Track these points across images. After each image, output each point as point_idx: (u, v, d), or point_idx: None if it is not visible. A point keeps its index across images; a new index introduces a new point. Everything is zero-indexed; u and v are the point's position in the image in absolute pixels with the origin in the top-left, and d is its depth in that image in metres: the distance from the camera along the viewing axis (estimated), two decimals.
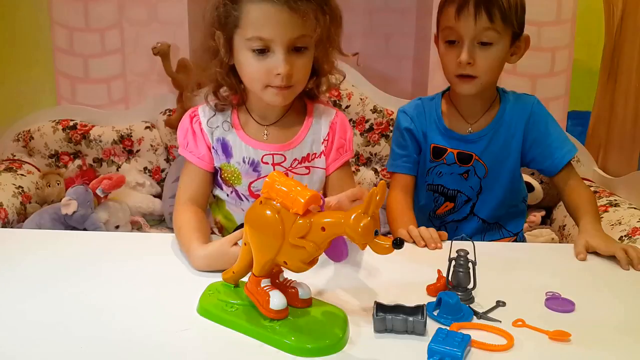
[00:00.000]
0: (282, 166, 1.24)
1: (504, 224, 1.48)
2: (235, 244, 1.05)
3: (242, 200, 1.27)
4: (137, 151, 2.02)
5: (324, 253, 0.85)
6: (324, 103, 1.31)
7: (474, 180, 1.42)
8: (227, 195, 1.28)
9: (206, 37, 1.20)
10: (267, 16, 1.11)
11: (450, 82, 1.37)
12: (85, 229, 1.71)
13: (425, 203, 1.47)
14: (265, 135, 1.24)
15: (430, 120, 1.43)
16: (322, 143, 1.27)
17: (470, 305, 0.96)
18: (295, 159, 1.25)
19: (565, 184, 1.38)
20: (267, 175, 1.23)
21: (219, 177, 1.27)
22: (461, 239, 1.03)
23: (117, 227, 1.81)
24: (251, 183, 1.25)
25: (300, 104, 1.28)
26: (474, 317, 0.93)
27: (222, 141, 1.24)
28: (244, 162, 1.24)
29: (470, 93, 1.35)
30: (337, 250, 0.84)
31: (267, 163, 1.24)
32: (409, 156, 1.44)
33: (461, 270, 0.98)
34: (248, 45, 1.13)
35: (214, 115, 1.25)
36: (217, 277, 0.98)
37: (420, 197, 1.48)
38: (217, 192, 1.30)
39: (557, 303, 0.97)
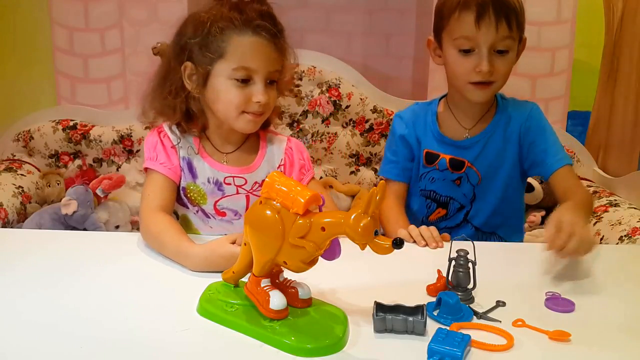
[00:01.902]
0: (243, 188, 1.29)
1: (503, 236, 1.45)
2: (233, 242, 1.06)
3: (209, 218, 1.30)
4: (137, 151, 2.02)
5: None
6: (275, 133, 1.38)
7: (466, 187, 1.40)
8: (194, 214, 1.30)
9: (167, 69, 1.26)
10: (255, 49, 1.20)
11: (462, 89, 1.34)
12: (85, 229, 1.70)
13: (418, 208, 1.46)
14: (224, 162, 1.29)
15: (425, 126, 1.43)
16: (278, 168, 1.32)
17: (470, 305, 0.96)
18: (255, 182, 1.29)
19: (561, 185, 1.33)
20: (230, 195, 1.27)
21: (183, 196, 1.29)
22: (462, 239, 1.03)
23: (117, 227, 1.81)
24: (216, 202, 1.28)
25: (255, 134, 1.33)
26: (474, 317, 0.93)
27: (188, 161, 1.28)
28: (208, 182, 1.28)
29: (485, 100, 1.35)
30: (329, 249, 0.84)
31: (229, 184, 1.28)
32: (398, 162, 1.44)
33: (461, 270, 0.98)
34: (232, 74, 1.20)
35: (178, 136, 1.29)
36: (217, 277, 0.98)
37: (412, 203, 1.47)
38: (184, 211, 1.32)
39: (557, 303, 0.97)
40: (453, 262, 0.99)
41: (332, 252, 0.84)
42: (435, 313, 0.92)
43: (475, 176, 1.39)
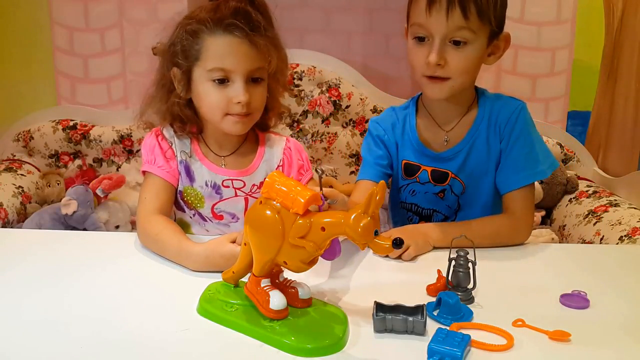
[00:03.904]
0: (242, 191, 1.28)
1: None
2: (233, 241, 1.06)
3: (206, 222, 1.30)
4: (137, 151, 2.02)
5: None
6: (274, 133, 1.37)
7: (451, 198, 1.30)
8: (190, 217, 1.30)
9: (161, 74, 1.26)
10: (229, 48, 1.18)
11: (419, 83, 1.23)
12: (85, 229, 1.70)
13: (400, 222, 1.36)
14: (223, 165, 1.29)
15: (403, 134, 1.31)
16: (277, 169, 1.31)
17: (470, 305, 0.96)
18: (253, 184, 1.29)
19: (507, 206, 1.25)
20: (228, 198, 1.26)
21: (180, 200, 1.29)
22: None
23: (117, 227, 1.81)
24: (214, 205, 1.28)
25: (253, 135, 1.33)
26: None
27: (185, 164, 1.27)
28: (206, 185, 1.27)
29: (440, 97, 1.23)
30: (329, 249, 0.84)
31: (227, 187, 1.28)
32: (377, 165, 1.32)
33: (461, 270, 0.98)
34: (209, 76, 1.19)
35: (174, 142, 1.29)
36: (217, 277, 0.98)
37: (393, 215, 1.40)
38: (180, 215, 1.32)
39: (572, 299, 0.98)
40: (453, 262, 0.99)
41: (332, 251, 0.84)
42: (435, 313, 0.92)
43: (459, 186, 1.29)
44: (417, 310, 0.88)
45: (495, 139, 1.26)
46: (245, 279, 0.93)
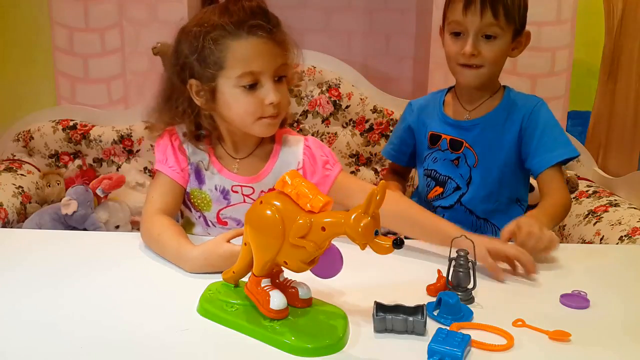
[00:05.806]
0: (251, 198, 1.25)
1: (497, 224, 1.45)
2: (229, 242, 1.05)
3: (209, 227, 1.29)
4: (137, 151, 2.02)
5: (311, 271, 0.86)
6: (291, 132, 1.34)
7: (464, 168, 1.47)
8: (195, 219, 1.30)
9: (172, 89, 1.21)
10: (255, 50, 1.15)
11: (454, 71, 1.44)
12: (85, 229, 1.70)
13: (421, 189, 1.56)
14: (235, 168, 1.26)
15: (433, 109, 1.53)
16: (298, 170, 1.25)
17: (470, 305, 0.96)
18: (262, 191, 1.25)
19: (545, 186, 1.39)
20: (236, 204, 1.25)
21: (187, 201, 1.28)
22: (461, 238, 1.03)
23: (117, 227, 1.81)
24: (220, 210, 1.27)
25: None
26: None
27: (196, 166, 1.25)
28: (215, 189, 1.25)
29: (474, 82, 1.42)
30: (329, 265, 0.84)
31: (236, 192, 1.25)
32: (402, 150, 1.60)
33: (461, 270, 0.98)
34: (238, 82, 1.15)
35: (189, 148, 1.26)
36: (217, 277, 0.98)
37: (419, 184, 1.58)
38: (187, 213, 1.31)
39: (572, 299, 0.98)
40: (453, 262, 0.99)
41: (331, 267, 0.85)
42: (435, 313, 0.92)
43: (472, 157, 1.46)
44: (417, 310, 0.88)
45: (514, 127, 1.43)
46: (245, 279, 0.93)
